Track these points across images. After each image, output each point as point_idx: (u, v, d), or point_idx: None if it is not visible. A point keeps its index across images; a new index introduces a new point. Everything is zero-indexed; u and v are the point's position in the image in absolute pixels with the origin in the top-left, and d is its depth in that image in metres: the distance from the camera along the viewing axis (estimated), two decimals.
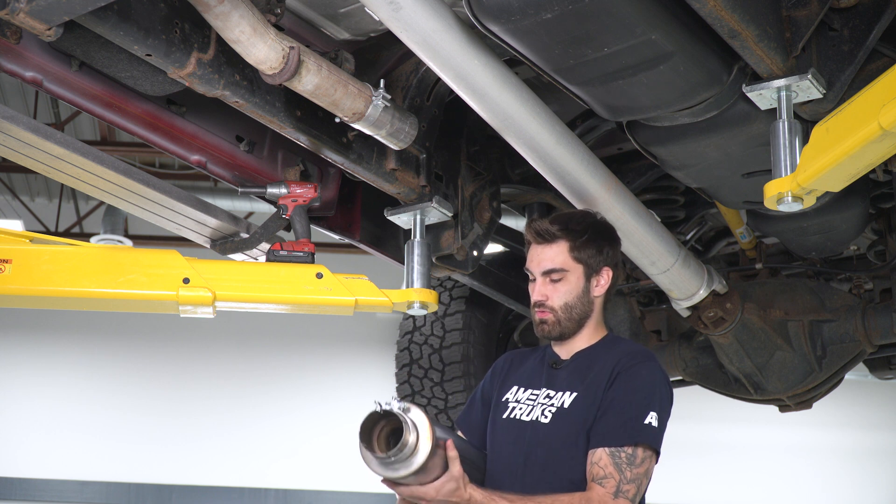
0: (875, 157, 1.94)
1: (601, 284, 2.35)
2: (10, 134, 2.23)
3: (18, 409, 11.69)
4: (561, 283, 2.34)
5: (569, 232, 2.34)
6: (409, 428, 2.07)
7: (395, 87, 2.63)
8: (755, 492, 12.31)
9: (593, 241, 2.35)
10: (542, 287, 2.34)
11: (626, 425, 2.16)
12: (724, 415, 9.50)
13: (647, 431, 2.15)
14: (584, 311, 2.35)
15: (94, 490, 11.57)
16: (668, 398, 2.25)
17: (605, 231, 2.40)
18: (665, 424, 2.20)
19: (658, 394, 2.23)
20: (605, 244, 2.37)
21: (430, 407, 3.91)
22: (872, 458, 12.68)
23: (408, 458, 2.08)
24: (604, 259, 2.35)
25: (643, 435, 2.15)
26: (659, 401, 2.21)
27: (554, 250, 2.34)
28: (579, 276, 2.34)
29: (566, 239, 2.33)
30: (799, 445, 12.47)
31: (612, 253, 2.38)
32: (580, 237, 2.34)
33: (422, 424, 2.08)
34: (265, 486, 11.83)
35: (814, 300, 3.58)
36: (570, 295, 2.34)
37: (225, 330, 11.78)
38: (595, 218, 2.42)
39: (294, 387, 12.16)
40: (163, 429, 11.79)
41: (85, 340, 11.90)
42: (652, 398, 2.21)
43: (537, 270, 2.35)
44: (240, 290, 2.54)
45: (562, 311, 2.34)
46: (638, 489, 2.15)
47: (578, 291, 2.34)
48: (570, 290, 2.34)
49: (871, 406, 12.52)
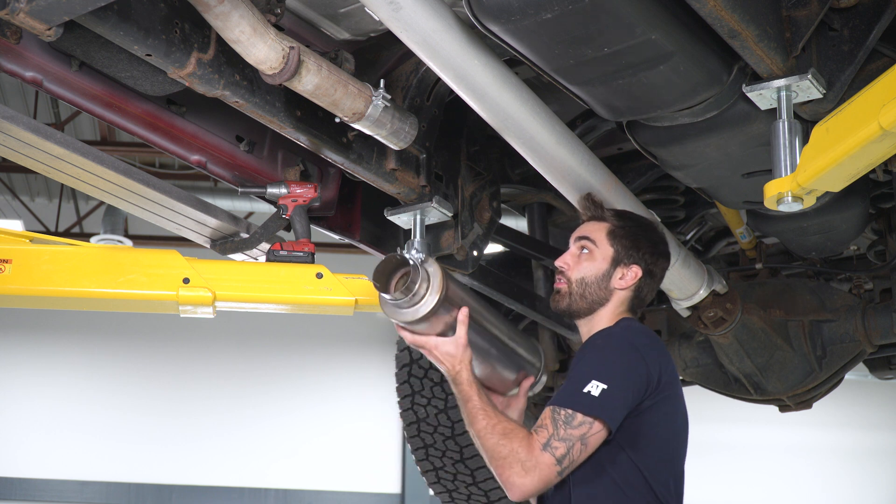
0: (875, 157, 1.94)
1: (625, 278, 2.37)
2: (10, 134, 2.23)
3: (18, 409, 11.70)
4: (586, 259, 2.38)
5: (616, 216, 2.43)
6: (420, 277, 2.19)
7: (395, 87, 2.63)
8: (755, 492, 12.32)
9: (633, 235, 2.40)
10: (568, 255, 2.41)
11: (568, 390, 2.18)
12: (724, 415, 9.50)
13: (583, 399, 2.14)
14: (598, 295, 2.36)
15: (94, 490, 11.58)
16: (623, 365, 2.21)
17: (651, 236, 2.44)
18: (617, 391, 2.16)
19: (607, 362, 2.21)
20: (644, 244, 2.40)
21: (430, 407, 3.91)
22: (872, 458, 12.68)
23: (414, 305, 2.20)
24: (637, 257, 2.38)
25: (580, 402, 2.14)
26: (607, 369, 2.19)
27: (596, 226, 2.42)
28: (606, 258, 2.38)
29: (609, 221, 2.42)
30: (799, 445, 12.49)
31: (648, 258, 2.39)
32: (622, 225, 2.41)
33: (434, 277, 2.20)
34: (265, 486, 11.84)
35: (814, 300, 3.58)
36: (590, 272, 2.37)
37: (225, 330, 11.79)
38: (649, 223, 2.49)
39: (294, 387, 12.17)
40: (163, 429, 11.79)
41: (85, 340, 11.91)
42: (595, 366, 2.20)
43: (573, 238, 2.42)
44: (240, 290, 2.54)
45: (576, 285, 2.37)
46: (569, 451, 2.14)
47: (599, 273, 2.37)
48: (591, 267, 2.37)
49: (871, 406, 12.53)
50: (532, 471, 2.13)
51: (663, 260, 2.45)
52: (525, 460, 2.14)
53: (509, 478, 2.15)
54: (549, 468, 2.13)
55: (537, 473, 2.13)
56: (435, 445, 3.95)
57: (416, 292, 2.20)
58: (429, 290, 2.21)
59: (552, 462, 2.13)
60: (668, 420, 2.29)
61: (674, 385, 2.31)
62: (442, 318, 2.24)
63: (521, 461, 2.14)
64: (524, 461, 2.14)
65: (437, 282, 2.21)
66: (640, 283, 2.38)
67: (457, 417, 3.86)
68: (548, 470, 2.13)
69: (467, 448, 3.90)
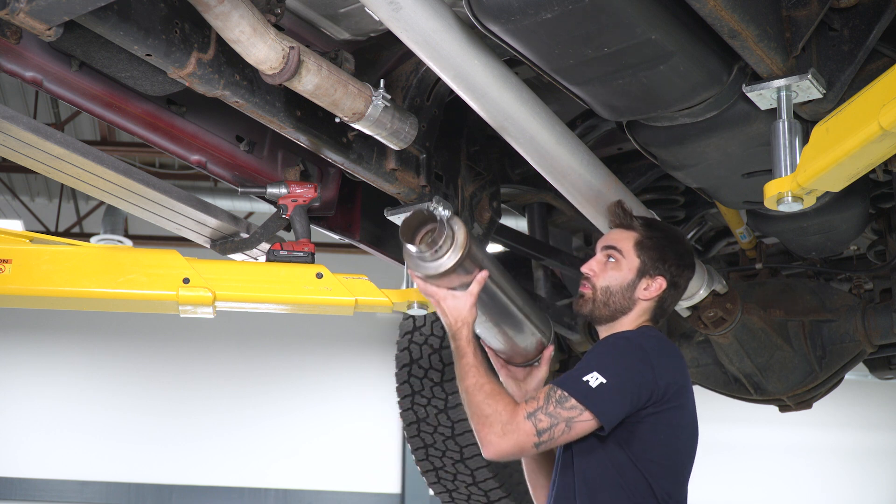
0: (875, 157, 1.94)
1: (650, 289, 2.39)
2: (10, 134, 2.23)
3: (18, 409, 11.70)
4: (612, 267, 2.40)
5: (644, 226, 2.44)
6: (446, 234, 2.26)
7: (395, 87, 2.63)
8: (755, 492, 12.32)
9: (660, 247, 2.41)
10: (595, 262, 2.43)
11: (570, 375, 2.22)
12: (724, 415, 9.50)
13: (580, 387, 2.18)
14: (621, 304, 2.39)
15: (94, 490, 11.58)
16: (628, 367, 2.23)
17: (678, 249, 2.45)
18: (614, 389, 2.19)
19: (614, 360, 2.24)
20: (671, 257, 2.41)
21: (430, 407, 3.91)
22: (872, 458, 12.68)
23: (436, 260, 2.28)
24: (663, 269, 2.40)
25: (576, 388, 2.18)
26: (612, 367, 2.22)
27: (623, 235, 2.44)
28: (632, 269, 2.39)
29: (638, 232, 2.43)
30: (799, 445, 12.48)
31: (674, 269, 2.41)
32: (650, 235, 2.42)
33: (459, 235, 2.27)
34: (265, 486, 11.84)
35: (814, 300, 3.58)
36: (615, 282, 2.39)
37: (225, 330, 11.79)
38: (677, 234, 2.50)
39: (294, 387, 12.17)
40: (163, 429, 11.79)
41: (85, 340, 11.91)
42: (601, 361, 2.23)
43: (599, 245, 2.44)
44: (240, 290, 2.54)
45: (601, 293, 2.40)
46: (551, 427, 2.17)
47: (624, 283, 2.39)
48: (617, 276, 2.39)
49: (871, 406, 12.53)
50: (510, 434, 2.18)
51: (689, 272, 2.47)
52: (506, 422, 2.18)
53: (487, 435, 2.20)
54: (528, 436, 2.17)
55: (514, 437, 2.18)
56: (435, 445, 3.95)
57: (440, 248, 2.26)
58: (452, 247, 2.27)
59: (532, 431, 2.17)
60: (673, 431, 2.29)
61: (682, 396, 2.31)
62: (460, 275, 2.31)
63: (503, 423, 2.18)
64: (505, 423, 2.18)
65: (460, 240, 2.27)
66: (664, 295, 2.40)
67: (457, 417, 3.86)
68: (525, 437, 2.17)
69: (467, 448, 3.89)
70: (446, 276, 2.30)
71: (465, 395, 2.27)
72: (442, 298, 2.34)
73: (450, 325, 2.34)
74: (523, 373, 2.63)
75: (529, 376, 2.62)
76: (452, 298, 2.33)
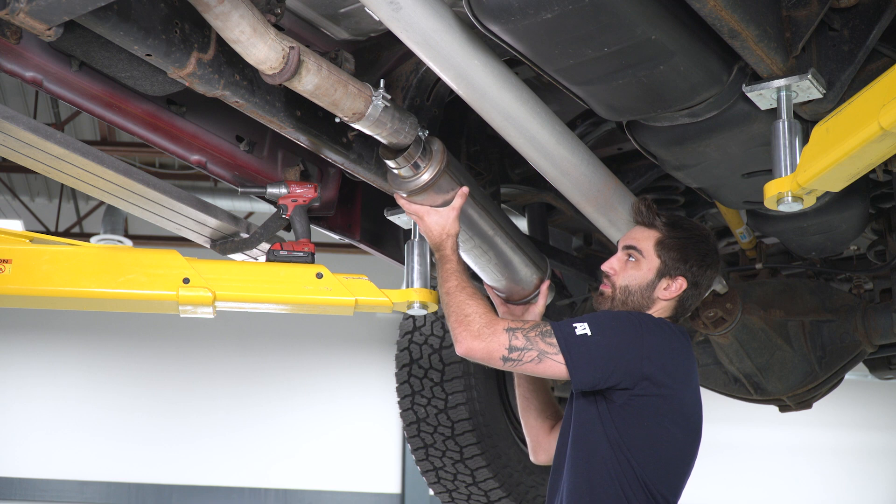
0: (875, 157, 1.94)
1: (670, 289, 2.38)
2: (10, 134, 2.23)
3: (19, 409, 11.70)
4: (632, 266, 2.40)
5: (666, 226, 2.42)
6: (422, 151, 2.35)
7: (395, 87, 2.63)
8: (755, 492, 12.32)
9: (682, 247, 2.40)
10: (615, 260, 2.43)
11: (562, 321, 2.27)
12: (724, 415, 9.50)
13: (568, 329, 2.22)
14: (640, 303, 2.39)
15: (94, 490, 11.58)
16: (620, 335, 2.24)
17: (701, 248, 2.43)
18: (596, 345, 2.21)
19: (608, 322, 2.27)
20: (693, 257, 2.40)
21: (430, 407, 3.91)
22: (872, 458, 12.68)
23: (413, 177, 2.37)
24: (684, 269, 2.39)
25: (562, 330, 2.22)
26: (604, 327, 2.24)
27: (645, 234, 2.43)
28: (652, 269, 2.39)
29: (659, 231, 2.42)
30: (799, 445, 12.49)
31: (696, 270, 2.40)
32: (672, 235, 2.40)
33: (436, 153, 2.36)
34: (265, 486, 11.84)
35: (814, 300, 3.58)
36: (634, 281, 2.39)
37: (225, 330, 11.79)
38: (703, 234, 2.47)
39: (294, 387, 12.17)
40: (163, 429, 11.80)
41: (85, 340, 11.91)
42: (598, 319, 2.27)
43: (621, 243, 2.44)
44: (240, 290, 2.54)
45: (620, 292, 2.40)
46: (523, 350, 2.21)
47: (643, 283, 2.39)
48: (636, 276, 2.39)
49: (871, 406, 12.53)
50: (485, 337, 2.22)
51: (711, 271, 2.45)
52: (485, 325, 2.23)
53: (461, 333, 2.24)
54: (499, 347, 2.21)
55: (487, 342, 2.22)
56: (435, 445, 3.95)
57: (417, 163, 2.35)
58: (430, 162, 2.36)
59: (505, 344, 2.21)
60: (659, 420, 2.27)
61: (672, 387, 2.29)
62: (440, 192, 2.38)
63: (482, 324, 2.23)
64: (483, 325, 2.23)
65: (438, 156, 2.35)
66: (684, 294, 2.40)
67: (457, 417, 3.86)
68: (497, 346, 2.21)
69: (467, 448, 3.89)
70: (426, 192, 2.36)
71: (445, 297, 2.32)
72: (425, 213, 2.40)
73: (433, 239, 2.40)
74: (521, 310, 2.68)
75: (527, 313, 2.66)
76: (435, 214, 2.39)
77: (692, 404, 2.35)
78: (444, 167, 2.36)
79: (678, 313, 2.43)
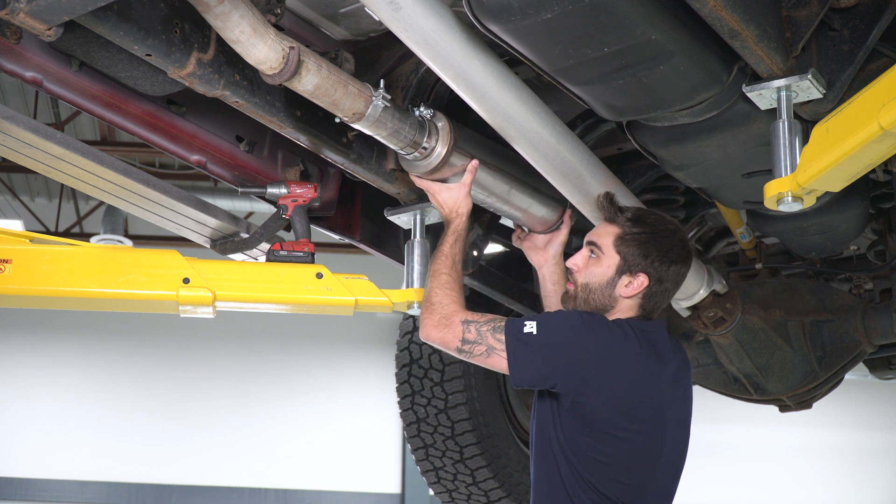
0: (875, 157, 1.94)
1: (631, 286, 2.34)
2: (10, 134, 2.23)
3: (19, 409, 11.70)
4: (594, 263, 2.39)
5: (629, 221, 2.39)
6: (431, 133, 2.42)
7: (395, 87, 2.63)
8: (755, 492, 12.32)
9: (642, 243, 2.35)
10: (579, 256, 2.43)
11: (520, 317, 2.31)
12: (724, 415, 9.51)
13: (515, 327, 2.26)
14: (602, 302, 2.36)
15: (94, 490, 11.58)
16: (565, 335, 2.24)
17: (663, 244, 2.37)
18: (540, 347, 2.22)
19: (554, 320, 2.29)
20: (654, 253, 2.35)
21: (430, 407, 3.91)
22: (872, 458, 12.69)
23: (423, 158, 2.44)
24: (645, 265, 2.34)
25: (511, 327, 2.26)
26: (553, 327, 2.26)
27: (606, 230, 2.41)
28: (612, 266, 2.36)
29: (620, 226, 2.39)
30: (799, 445, 12.49)
31: (658, 266, 2.34)
32: (633, 231, 2.36)
33: (443, 134, 2.43)
34: (265, 486, 11.84)
35: (814, 300, 3.58)
36: (594, 279, 2.37)
37: (225, 330, 11.79)
38: (668, 229, 2.40)
39: (294, 387, 12.17)
40: (163, 429, 11.80)
41: (85, 340, 11.91)
42: (549, 318, 2.30)
43: (586, 238, 2.45)
44: (240, 290, 2.54)
45: (581, 290, 2.39)
46: (474, 344, 2.28)
47: (603, 280, 2.36)
48: (597, 273, 2.37)
49: (871, 406, 12.53)
50: (443, 328, 2.31)
51: (677, 266, 2.39)
52: (445, 316, 2.31)
53: (425, 320, 2.35)
54: (454, 338, 2.29)
55: (443, 333, 2.31)
56: (435, 445, 3.95)
57: (424, 147, 2.42)
58: (436, 144, 2.43)
59: (459, 336, 2.29)
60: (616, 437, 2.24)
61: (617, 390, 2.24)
62: (451, 168, 2.46)
63: (442, 315, 2.32)
64: (444, 316, 2.32)
65: (444, 136, 2.43)
66: (647, 291, 2.35)
67: (457, 417, 3.86)
68: (451, 338, 2.30)
69: (467, 448, 3.89)
70: (437, 171, 2.44)
71: (428, 276, 2.41)
72: (437, 191, 2.47)
73: (445, 215, 2.46)
74: (544, 240, 2.76)
75: (549, 242, 2.75)
76: (447, 190, 2.46)
77: (647, 408, 2.28)
78: (452, 146, 2.42)
79: (647, 311, 2.37)
